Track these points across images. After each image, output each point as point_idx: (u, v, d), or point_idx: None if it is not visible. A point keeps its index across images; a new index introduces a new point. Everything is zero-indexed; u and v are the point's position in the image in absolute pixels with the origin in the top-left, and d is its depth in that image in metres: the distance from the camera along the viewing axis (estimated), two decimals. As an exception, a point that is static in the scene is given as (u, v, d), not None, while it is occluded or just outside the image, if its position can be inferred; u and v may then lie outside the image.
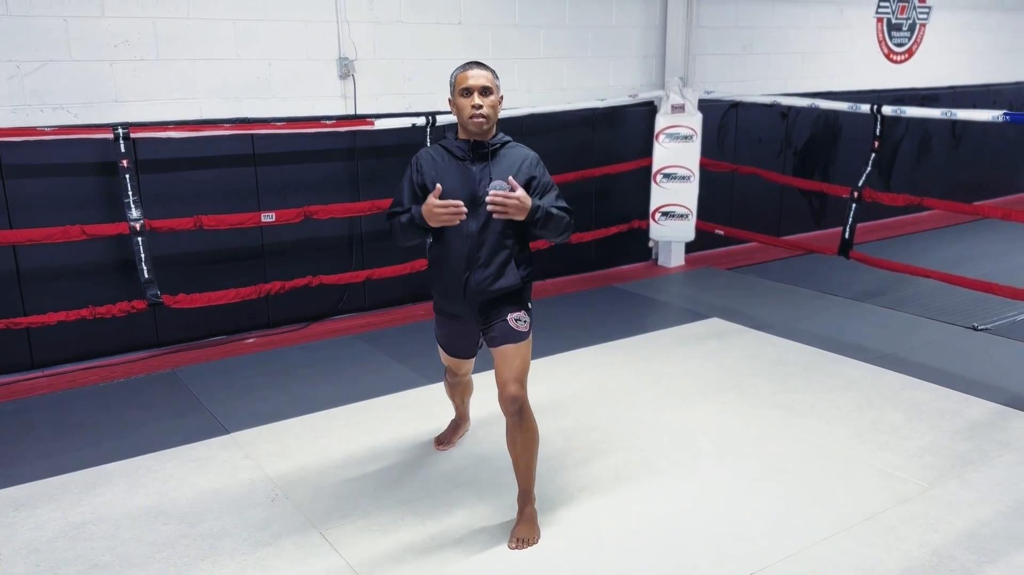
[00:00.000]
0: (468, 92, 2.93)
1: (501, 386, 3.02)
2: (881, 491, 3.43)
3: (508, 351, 3.04)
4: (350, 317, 5.70)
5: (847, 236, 5.45)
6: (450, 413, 3.91)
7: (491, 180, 2.97)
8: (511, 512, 3.27)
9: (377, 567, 2.96)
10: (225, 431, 4.03)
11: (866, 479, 3.52)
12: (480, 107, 2.92)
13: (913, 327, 5.44)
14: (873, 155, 5.29)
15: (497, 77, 3.02)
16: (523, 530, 3.09)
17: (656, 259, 7.03)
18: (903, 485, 3.47)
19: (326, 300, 5.57)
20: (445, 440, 3.82)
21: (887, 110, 5.15)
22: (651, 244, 6.96)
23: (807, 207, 7.94)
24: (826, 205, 8.01)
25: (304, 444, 3.88)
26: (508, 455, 3.15)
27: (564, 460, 3.70)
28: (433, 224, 2.91)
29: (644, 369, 4.73)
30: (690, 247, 7.04)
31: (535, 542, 3.07)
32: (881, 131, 5.23)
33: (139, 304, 4.66)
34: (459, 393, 3.66)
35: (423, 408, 4.22)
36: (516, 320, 3.07)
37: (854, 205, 5.38)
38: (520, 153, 3.06)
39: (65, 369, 4.81)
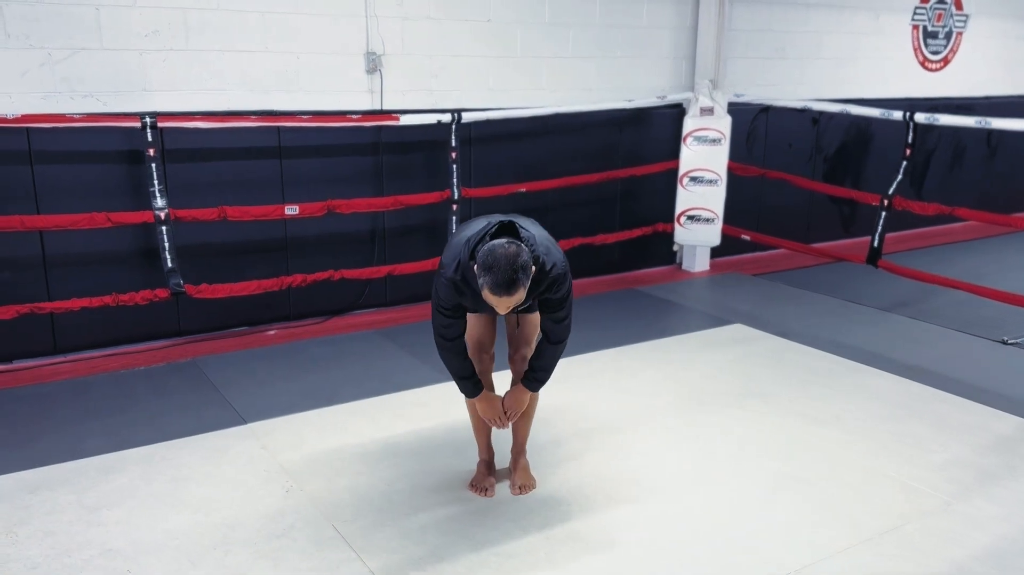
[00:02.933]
0: (494, 305, 2.80)
1: (515, 347, 3.30)
2: (903, 504, 3.36)
3: (524, 317, 3.25)
4: (371, 312, 5.70)
5: (876, 245, 5.36)
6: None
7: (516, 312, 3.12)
8: (530, 513, 3.25)
9: (389, 563, 2.94)
10: (242, 421, 4.04)
11: (888, 491, 3.45)
12: (506, 311, 2.84)
13: (940, 339, 5.33)
14: (905, 163, 5.19)
15: (528, 278, 2.75)
16: (521, 477, 3.41)
17: (680, 263, 6.96)
18: (926, 498, 3.39)
19: (347, 294, 5.57)
20: (480, 485, 3.45)
21: (920, 117, 5.06)
22: (675, 248, 6.89)
23: (836, 214, 7.84)
24: (856, 213, 7.90)
25: (321, 437, 3.88)
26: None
27: (581, 463, 3.66)
28: (480, 411, 3.27)
29: (665, 373, 4.68)
30: (715, 252, 6.97)
31: (534, 486, 3.41)
32: (914, 139, 5.13)
33: (162, 293, 4.68)
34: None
35: (441, 406, 4.20)
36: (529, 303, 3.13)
37: (884, 213, 5.29)
38: (548, 282, 2.98)
39: (87, 355, 4.85)
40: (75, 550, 3.01)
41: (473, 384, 3.20)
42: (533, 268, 2.82)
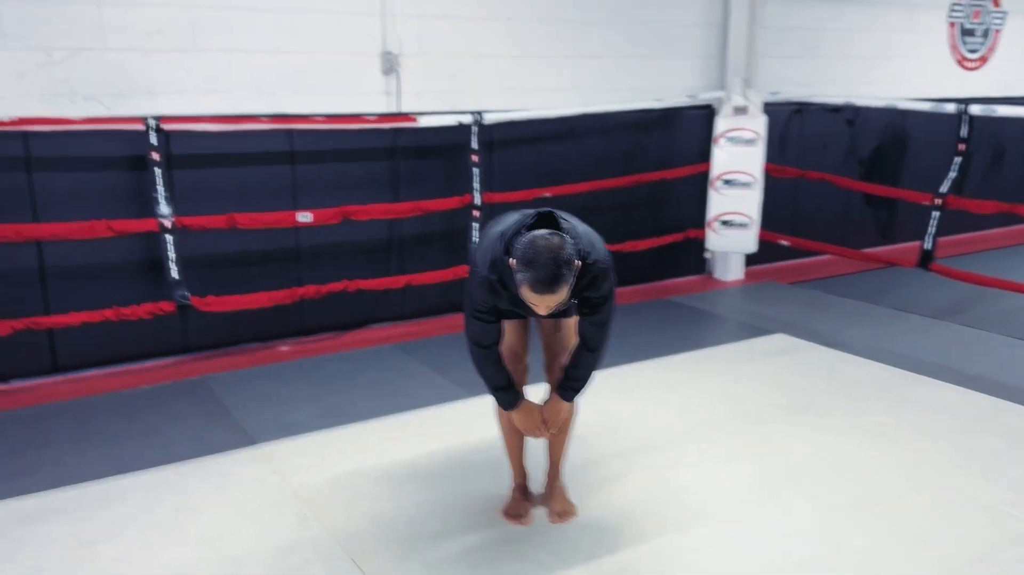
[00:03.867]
0: (534, 305, 2.49)
1: (553, 355, 2.97)
2: (988, 528, 3.00)
3: (561, 322, 2.92)
4: (388, 326, 5.38)
5: (928, 247, 5.00)
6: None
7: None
8: (572, 544, 2.90)
9: (415, 601, 2.62)
10: (252, 443, 3.73)
11: (969, 514, 3.09)
12: (547, 311, 2.53)
13: (999, 346, 4.97)
14: (959, 159, 4.84)
15: (571, 273, 2.45)
16: (560, 503, 3.08)
17: (712, 272, 6.62)
18: (1014, 522, 3.03)
19: (363, 307, 5.26)
20: (515, 511, 3.11)
21: (975, 109, 4.72)
22: (707, 255, 6.55)
23: (873, 220, 7.48)
24: (895, 218, 7.54)
25: (337, 459, 3.55)
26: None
27: (624, 486, 3.32)
28: (518, 423, 2.94)
29: (706, 386, 4.33)
30: (748, 260, 6.62)
31: (575, 513, 3.06)
32: (969, 133, 4.78)
33: (167, 306, 4.38)
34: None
35: (468, 423, 3.87)
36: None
37: (936, 213, 4.93)
38: (591, 280, 2.66)
39: (88, 374, 4.56)
40: (66, 589, 2.70)
41: (512, 395, 2.88)
42: (577, 263, 2.50)
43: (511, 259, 2.50)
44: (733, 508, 3.14)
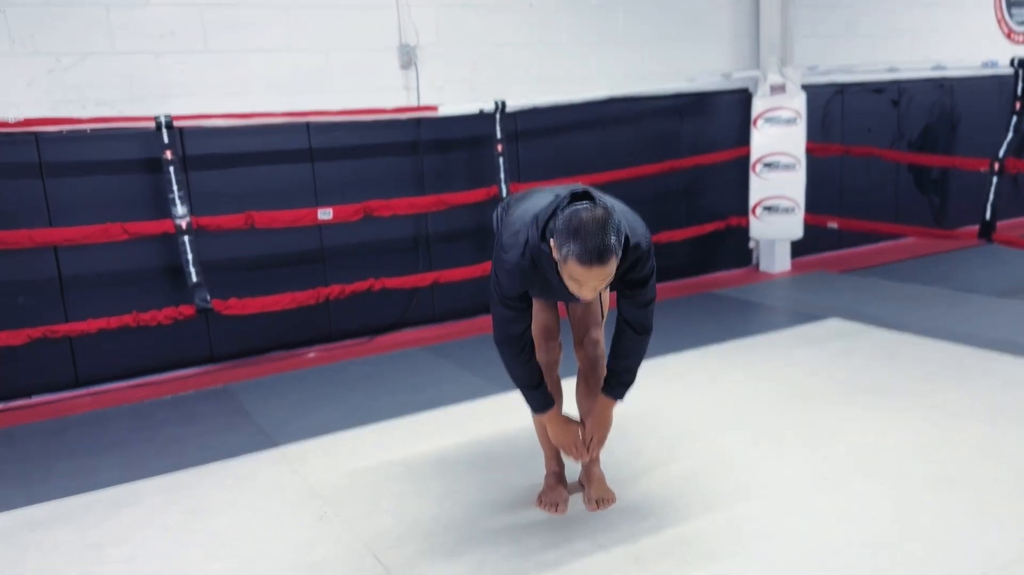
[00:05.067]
0: (579, 282, 2.26)
1: (583, 329, 2.77)
2: (1082, 503, 2.66)
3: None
4: (418, 329, 5.18)
5: (988, 217, 4.65)
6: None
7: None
8: (611, 530, 2.64)
9: (439, 595, 2.37)
10: (273, 445, 3.53)
11: (1057, 487, 2.75)
12: (591, 294, 2.31)
13: (1077, 321, 4.58)
14: (1015, 118, 4.50)
15: (620, 244, 2.24)
16: (598, 490, 2.84)
17: (757, 264, 6.30)
18: (1111, 495, 2.68)
19: (392, 309, 5.07)
20: (550, 500, 2.85)
21: (1032, 62, 4.39)
22: (751, 245, 6.24)
23: (926, 205, 7.09)
24: (947, 202, 7.15)
25: (359, 457, 3.34)
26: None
27: (667, 472, 3.04)
28: (551, 434, 2.71)
29: (757, 373, 4.03)
30: (795, 251, 6.30)
31: (614, 501, 2.82)
32: (1023, 90, 4.45)
33: (187, 310, 4.24)
34: (554, 389, 2.83)
35: (496, 418, 3.63)
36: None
37: (995, 179, 4.58)
38: (631, 261, 2.43)
39: (111, 387, 4.43)
40: (68, 594, 2.51)
41: (542, 395, 2.64)
42: (624, 237, 2.28)
43: (551, 240, 2.28)
44: (789, 490, 2.84)
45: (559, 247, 2.23)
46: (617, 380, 2.65)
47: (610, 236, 2.19)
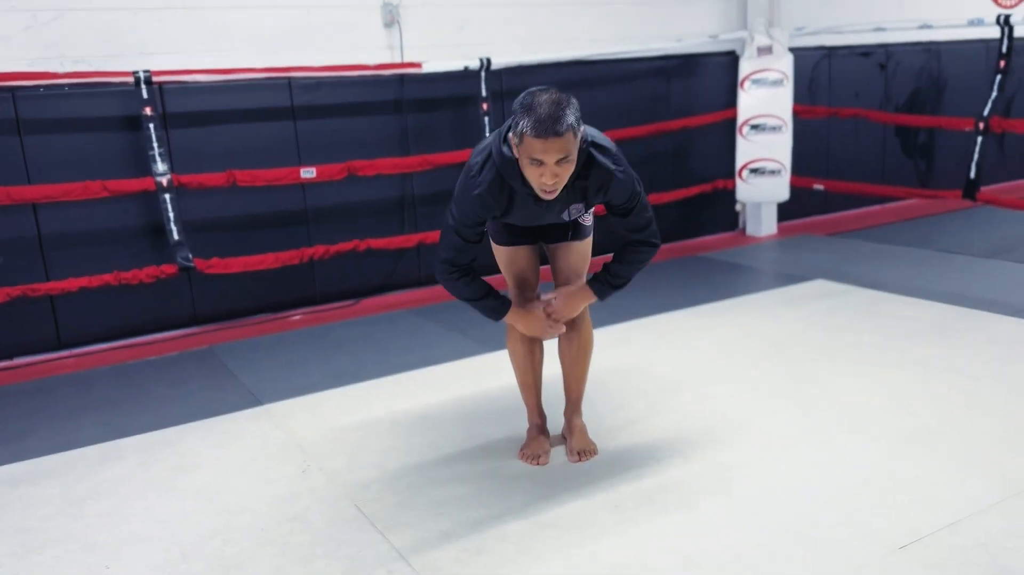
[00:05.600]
0: (540, 163, 2.23)
1: (562, 282, 2.73)
2: (1060, 450, 2.68)
3: (571, 246, 2.68)
4: (404, 292, 5.17)
5: (973, 176, 4.65)
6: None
7: (566, 205, 2.47)
8: (592, 481, 2.65)
9: (421, 541, 2.37)
10: (258, 403, 3.53)
11: (1037, 437, 2.77)
12: (554, 180, 2.26)
13: (1059, 280, 4.60)
14: (999, 77, 4.48)
15: (579, 125, 2.24)
16: (579, 442, 2.83)
17: (744, 228, 6.30)
18: (1089, 442, 2.71)
19: (377, 272, 5.05)
20: (531, 452, 2.84)
21: (1017, 18, 4.36)
22: (738, 208, 6.23)
23: (912, 169, 7.09)
24: (933, 166, 7.15)
25: (344, 415, 3.34)
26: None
27: (649, 425, 3.06)
28: (521, 329, 2.67)
29: (742, 331, 4.04)
30: (782, 214, 6.30)
31: (595, 452, 2.82)
32: (1009, 47, 4.43)
33: (169, 269, 4.21)
34: (530, 351, 2.82)
35: (480, 376, 3.63)
36: (579, 213, 2.56)
37: (980, 138, 4.58)
38: (599, 175, 2.40)
39: (93, 349, 4.40)
40: (49, 546, 2.51)
41: (495, 300, 2.61)
42: (583, 129, 2.28)
43: (509, 136, 2.28)
44: (771, 441, 2.86)
45: (515, 129, 2.22)
46: (606, 278, 2.61)
47: (566, 110, 2.18)
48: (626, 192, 2.45)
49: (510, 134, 2.28)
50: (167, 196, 4.17)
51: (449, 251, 2.53)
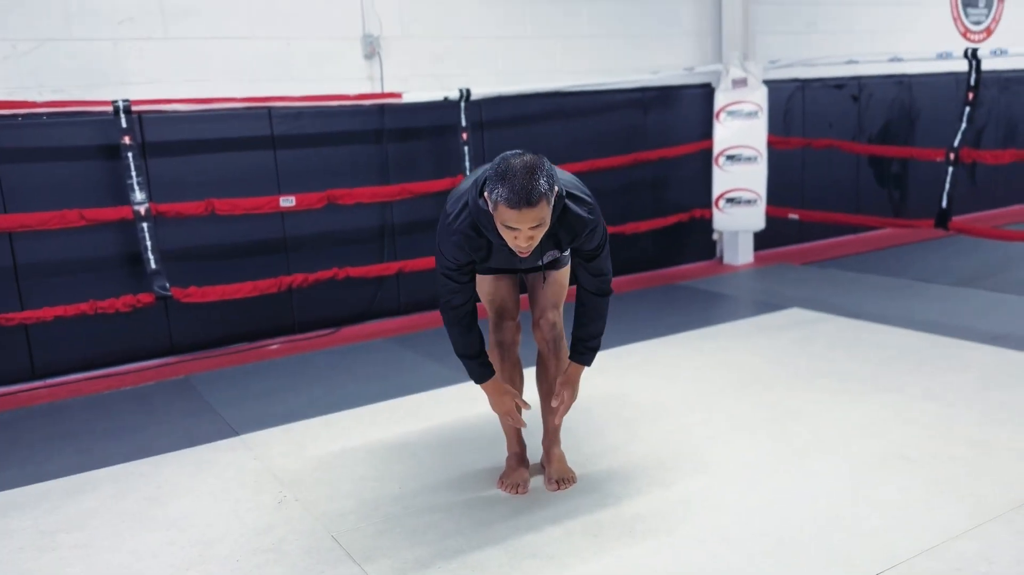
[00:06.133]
0: (514, 228, 2.25)
1: (539, 312, 2.76)
2: (1031, 475, 2.72)
3: (549, 275, 2.70)
4: (383, 321, 5.16)
5: (945, 205, 4.74)
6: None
7: (541, 255, 2.54)
8: (571, 510, 2.65)
9: (399, 573, 2.36)
10: (234, 433, 3.49)
11: (1007, 463, 2.81)
12: (528, 243, 2.29)
13: (1030, 308, 4.68)
14: (968, 109, 4.59)
15: (552, 190, 2.24)
16: (559, 471, 2.83)
17: (721, 257, 6.36)
18: (1060, 467, 2.75)
19: (357, 301, 5.04)
20: (511, 481, 2.84)
21: (984, 52, 4.48)
22: (715, 237, 6.30)
23: (885, 198, 7.21)
24: (907, 196, 7.27)
25: (322, 445, 3.32)
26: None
27: (628, 453, 3.06)
28: (490, 402, 2.72)
29: (719, 359, 4.07)
30: (758, 243, 6.37)
31: (574, 481, 2.82)
32: (976, 80, 4.54)
33: (145, 298, 4.18)
34: (511, 379, 2.83)
35: (459, 404, 3.63)
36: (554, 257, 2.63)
37: (951, 168, 4.67)
38: (574, 224, 2.43)
39: (68, 379, 4.35)
40: (19, 580, 2.46)
41: (479, 365, 2.64)
42: (558, 188, 2.30)
43: (485, 194, 2.29)
44: (748, 469, 2.87)
45: (490, 194, 2.24)
46: (584, 346, 2.67)
47: (539, 179, 2.19)
48: (596, 239, 2.50)
49: (486, 193, 2.29)
50: (145, 225, 4.15)
51: (444, 294, 2.57)
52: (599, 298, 2.62)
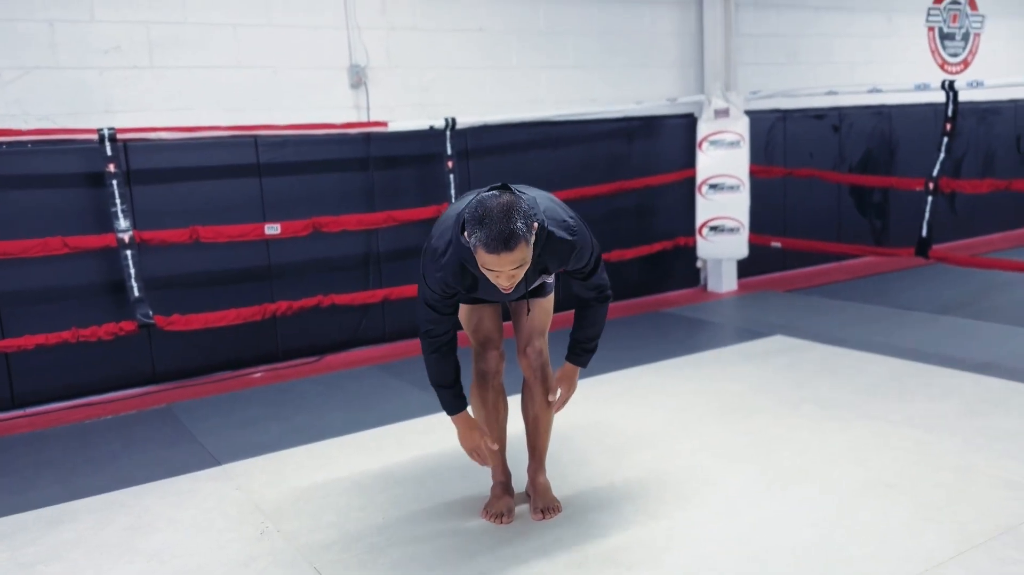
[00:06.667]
0: (493, 272, 2.27)
1: (525, 339, 2.75)
2: (1012, 502, 2.74)
3: (533, 303, 2.70)
4: (368, 348, 5.14)
5: (925, 234, 4.80)
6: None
7: (527, 285, 2.55)
8: (557, 540, 2.64)
9: (381, 604, 2.34)
10: (216, 463, 3.46)
11: (990, 490, 2.83)
12: (510, 282, 2.29)
13: (1009, 336, 4.72)
14: (945, 139, 4.67)
15: (531, 230, 2.24)
16: (544, 500, 2.83)
17: (705, 284, 6.40)
18: (1041, 494, 2.76)
19: (341, 328, 5.03)
20: (496, 510, 2.83)
21: (961, 83, 4.57)
22: (699, 265, 6.34)
23: (867, 228, 7.29)
24: (888, 224, 7.35)
25: (304, 474, 3.29)
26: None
27: (613, 481, 3.06)
28: (459, 435, 2.74)
29: (703, 386, 4.08)
30: (742, 271, 6.42)
31: (560, 510, 2.82)
32: (954, 112, 4.63)
33: (128, 326, 4.15)
34: (495, 408, 2.82)
35: (444, 433, 3.59)
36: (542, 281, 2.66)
37: (931, 198, 4.74)
38: (560, 250, 2.46)
39: (48, 408, 4.30)
40: (-5, 613, 2.42)
41: (452, 396, 2.65)
42: (536, 224, 2.30)
43: (465, 233, 2.29)
44: (732, 497, 2.88)
45: (469, 237, 2.25)
46: (581, 348, 2.72)
47: (515, 222, 2.18)
48: (584, 255, 2.52)
49: (466, 234, 2.29)
50: (128, 252, 4.14)
51: (424, 323, 2.58)
52: (599, 304, 2.67)
